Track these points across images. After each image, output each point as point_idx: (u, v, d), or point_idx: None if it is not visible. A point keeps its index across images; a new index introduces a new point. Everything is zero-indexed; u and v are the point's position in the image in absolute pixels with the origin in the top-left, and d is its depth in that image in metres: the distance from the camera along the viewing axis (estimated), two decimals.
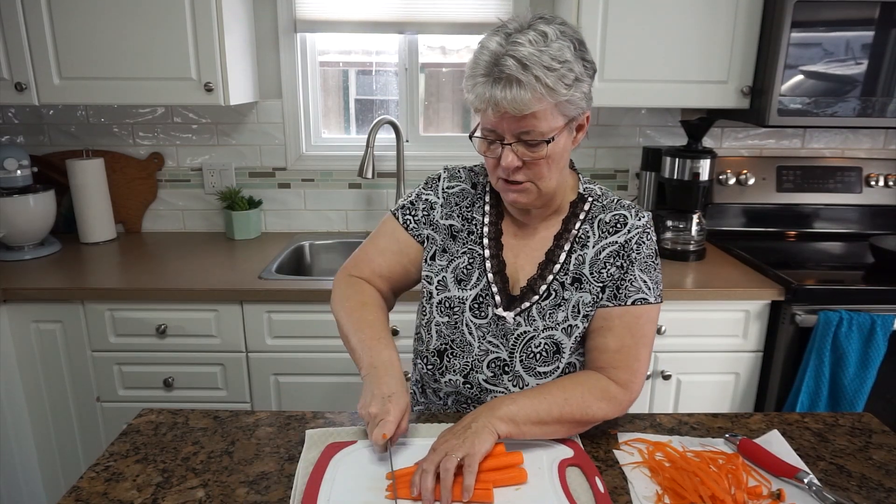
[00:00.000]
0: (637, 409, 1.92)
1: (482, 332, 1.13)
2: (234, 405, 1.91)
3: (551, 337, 1.10)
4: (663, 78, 1.96)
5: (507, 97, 0.96)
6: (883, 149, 2.38)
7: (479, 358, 1.13)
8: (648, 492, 0.92)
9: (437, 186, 1.21)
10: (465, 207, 1.19)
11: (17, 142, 2.31)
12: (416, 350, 1.24)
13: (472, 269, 1.15)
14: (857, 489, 0.94)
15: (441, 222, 1.18)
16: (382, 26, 2.24)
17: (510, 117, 0.98)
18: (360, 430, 1.07)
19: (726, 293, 1.81)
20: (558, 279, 1.12)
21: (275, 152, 2.35)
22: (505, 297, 1.13)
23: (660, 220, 2.12)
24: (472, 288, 1.14)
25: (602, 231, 1.13)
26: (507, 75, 0.95)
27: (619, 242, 1.11)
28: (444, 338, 1.15)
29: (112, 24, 1.87)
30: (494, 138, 1.03)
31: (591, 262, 1.11)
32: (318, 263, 2.31)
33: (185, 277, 1.89)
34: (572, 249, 1.13)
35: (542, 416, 0.99)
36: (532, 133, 1.00)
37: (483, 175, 1.21)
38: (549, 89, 0.97)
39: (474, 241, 1.16)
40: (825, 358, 1.74)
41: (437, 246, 1.18)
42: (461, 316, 1.14)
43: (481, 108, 1.00)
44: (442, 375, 1.15)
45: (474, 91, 0.99)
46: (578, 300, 1.10)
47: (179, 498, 0.90)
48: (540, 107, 0.97)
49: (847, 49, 1.86)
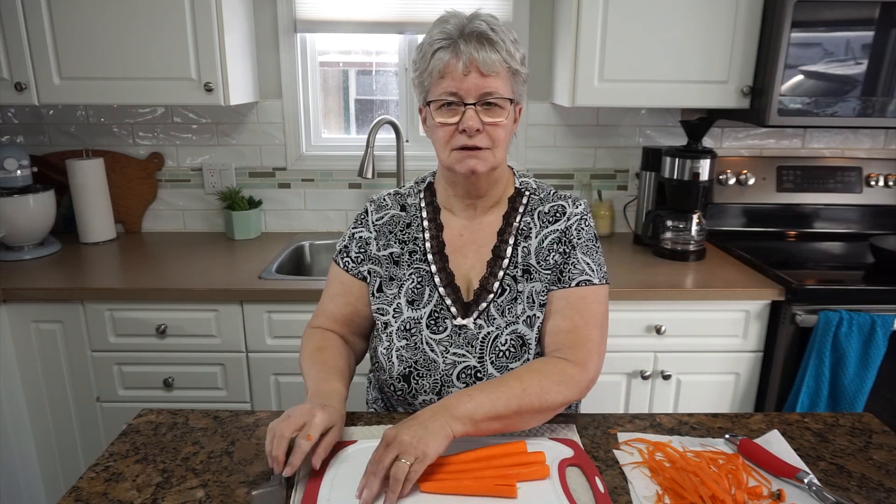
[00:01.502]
0: (637, 408, 1.93)
1: (444, 346, 1.13)
2: (234, 405, 1.91)
3: (515, 331, 1.11)
4: (663, 78, 1.96)
5: (479, 53, 1.03)
6: (883, 149, 2.38)
7: (447, 372, 1.12)
8: (648, 492, 0.92)
9: (366, 221, 1.22)
10: (401, 231, 1.20)
11: (17, 142, 2.31)
12: (379, 379, 1.22)
13: (422, 288, 1.16)
14: (857, 489, 0.94)
15: (379, 254, 1.20)
16: (382, 26, 2.24)
17: (476, 76, 1.04)
18: (360, 429, 1.07)
19: (726, 293, 1.81)
20: (509, 273, 1.14)
21: (275, 152, 2.35)
22: (460, 306, 1.14)
23: (660, 220, 2.12)
24: (425, 306, 1.15)
25: (543, 221, 1.17)
26: (480, 32, 1.04)
27: (560, 230, 1.16)
28: (405, 362, 1.13)
29: (112, 23, 1.87)
30: (457, 101, 1.06)
31: (535, 251, 1.15)
32: (318, 263, 2.31)
33: (185, 277, 1.89)
34: (517, 242, 1.16)
35: (500, 411, 0.97)
36: (494, 94, 1.05)
37: (410, 195, 1.23)
38: (510, 56, 1.06)
39: (419, 259, 1.17)
40: (825, 358, 1.74)
41: (382, 277, 1.19)
42: (419, 335, 1.13)
43: (445, 71, 1.05)
44: (414, 398, 1.14)
45: (437, 55, 1.05)
46: (531, 290, 1.13)
47: (179, 498, 0.90)
48: (502, 70, 1.06)
49: (847, 49, 1.86)
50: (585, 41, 1.93)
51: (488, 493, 0.89)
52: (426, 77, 1.08)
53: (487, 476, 0.92)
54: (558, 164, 2.38)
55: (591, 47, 1.93)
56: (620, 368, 1.87)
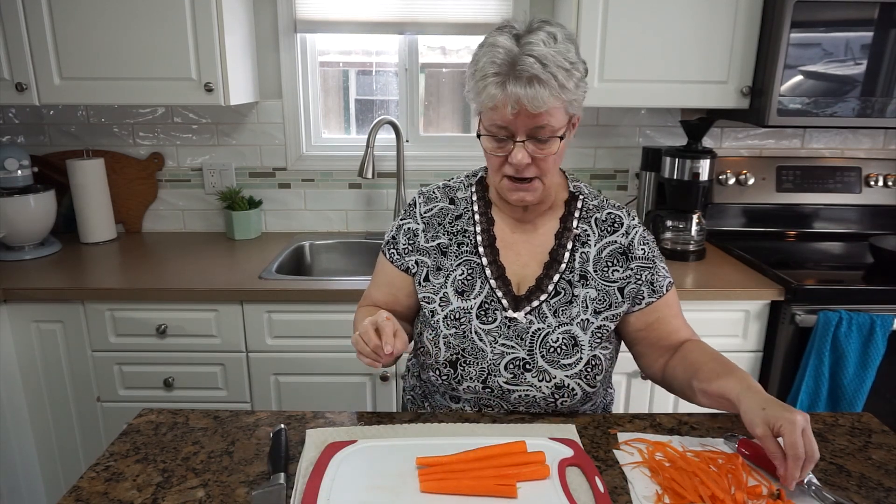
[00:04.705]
0: (637, 408, 1.93)
1: (493, 337, 1.14)
2: (234, 405, 1.92)
3: (568, 332, 1.13)
4: (663, 78, 1.96)
5: (528, 94, 0.99)
6: (883, 149, 2.38)
7: (494, 362, 1.13)
8: (648, 492, 0.92)
9: (415, 213, 1.24)
10: (450, 223, 1.21)
11: (18, 142, 2.31)
12: (424, 364, 1.24)
13: (472, 280, 1.17)
14: (856, 489, 0.94)
15: (427, 245, 1.21)
16: (382, 26, 2.24)
17: (526, 114, 1.02)
18: (360, 429, 1.07)
19: (726, 293, 1.81)
20: (565, 277, 1.16)
21: (275, 152, 2.35)
22: (511, 299, 1.15)
23: (660, 220, 2.12)
24: (476, 297, 1.16)
25: (601, 230, 1.19)
26: (530, 74, 0.99)
27: (622, 244, 1.18)
28: (453, 348, 1.15)
29: (112, 24, 1.87)
30: (505, 136, 1.05)
31: (594, 259, 1.17)
32: (319, 263, 2.31)
33: (185, 277, 1.89)
34: (575, 248, 1.17)
35: None
36: (545, 129, 1.04)
37: (460, 189, 1.24)
38: (563, 87, 1.01)
39: (469, 251, 1.19)
40: (825, 358, 1.75)
41: (429, 267, 1.20)
42: (469, 325, 1.15)
43: (496, 106, 1.02)
44: (459, 384, 1.16)
45: (487, 90, 1.02)
46: (586, 296, 1.15)
47: (179, 498, 0.90)
48: (555, 104, 1.02)
49: (846, 49, 1.86)
50: (585, 41, 1.93)
51: (488, 493, 0.90)
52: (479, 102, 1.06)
53: (487, 476, 0.92)
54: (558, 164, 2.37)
55: (591, 47, 1.93)
56: (620, 368, 1.85)
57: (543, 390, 1.12)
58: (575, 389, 1.13)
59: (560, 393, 1.12)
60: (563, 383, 1.12)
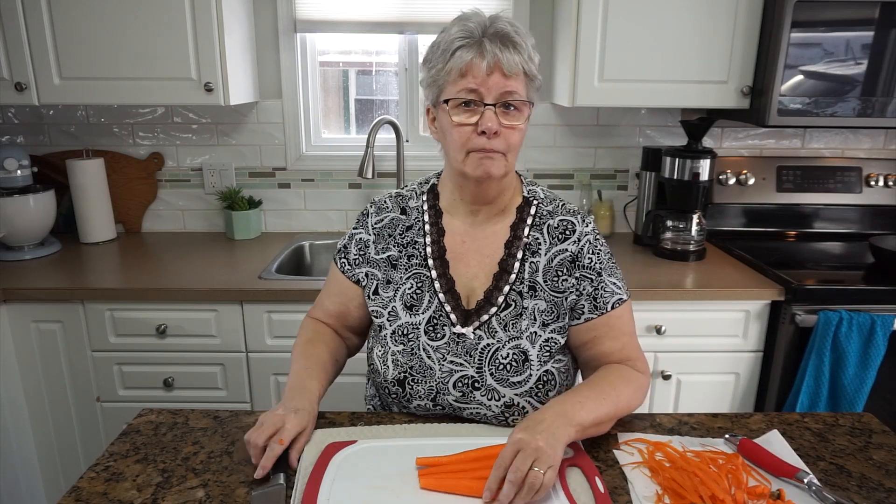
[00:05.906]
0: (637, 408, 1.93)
1: (441, 354, 1.11)
2: (234, 405, 1.91)
3: (518, 346, 1.09)
4: (663, 78, 1.96)
5: (503, 54, 1.01)
6: (883, 149, 2.38)
7: (443, 380, 1.10)
8: (648, 492, 0.92)
9: (366, 223, 1.21)
10: (400, 234, 1.18)
11: (17, 142, 2.31)
12: (374, 381, 1.22)
13: (421, 293, 1.14)
14: (857, 489, 0.94)
15: (377, 257, 1.18)
16: (382, 26, 2.24)
17: (499, 77, 1.02)
18: (360, 430, 1.07)
19: (726, 293, 1.81)
20: (515, 289, 1.12)
21: (275, 152, 2.35)
22: (460, 314, 1.12)
23: (660, 220, 2.12)
24: (424, 311, 1.13)
25: (552, 237, 1.14)
26: (504, 34, 1.02)
27: (571, 251, 1.13)
28: (401, 366, 1.12)
29: (112, 24, 1.87)
30: (476, 99, 1.04)
31: (543, 269, 1.13)
32: (319, 263, 2.31)
33: (185, 277, 1.89)
34: (525, 258, 1.13)
35: (602, 418, 1.00)
36: (514, 95, 1.04)
37: (412, 198, 1.21)
38: (531, 60, 1.05)
39: (418, 264, 1.15)
40: (825, 358, 1.74)
41: (379, 280, 1.17)
42: (416, 341, 1.12)
43: (467, 70, 1.02)
44: (409, 402, 1.13)
45: (458, 56, 1.03)
46: (535, 307, 1.11)
47: (179, 498, 0.90)
48: (522, 72, 1.04)
49: (847, 49, 1.86)
50: (585, 41, 1.93)
51: None
52: (442, 75, 1.05)
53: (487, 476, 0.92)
54: (558, 164, 2.38)
55: (591, 47, 1.93)
56: None
57: (493, 409, 1.09)
58: (525, 408, 1.09)
59: (510, 411, 1.09)
60: (513, 402, 1.08)
